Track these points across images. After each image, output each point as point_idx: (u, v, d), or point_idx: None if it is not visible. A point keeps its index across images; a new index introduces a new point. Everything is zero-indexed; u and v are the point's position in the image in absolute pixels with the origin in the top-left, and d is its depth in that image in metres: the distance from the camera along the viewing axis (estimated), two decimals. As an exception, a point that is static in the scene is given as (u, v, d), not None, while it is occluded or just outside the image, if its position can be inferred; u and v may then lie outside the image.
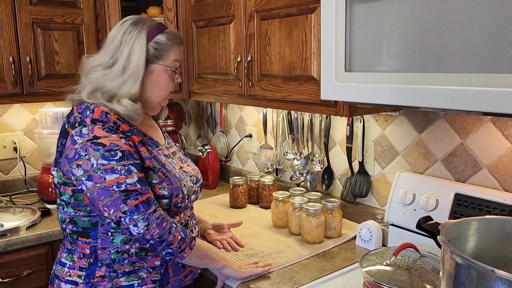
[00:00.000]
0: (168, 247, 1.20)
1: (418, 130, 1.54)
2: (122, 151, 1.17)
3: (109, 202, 1.14)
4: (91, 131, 1.16)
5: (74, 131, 1.18)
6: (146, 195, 1.17)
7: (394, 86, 1.06)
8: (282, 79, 1.54)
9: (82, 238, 1.24)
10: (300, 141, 1.93)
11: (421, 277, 1.19)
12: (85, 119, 1.19)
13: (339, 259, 1.50)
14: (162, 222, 1.18)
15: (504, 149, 1.32)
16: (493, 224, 1.00)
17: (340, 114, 1.37)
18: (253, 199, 2.08)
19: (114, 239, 1.23)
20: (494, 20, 0.86)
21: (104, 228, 1.22)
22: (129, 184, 1.15)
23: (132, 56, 1.24)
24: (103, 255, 1.23)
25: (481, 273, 0.78)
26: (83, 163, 1.15)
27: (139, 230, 1.15)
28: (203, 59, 1.96)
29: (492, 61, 0.88)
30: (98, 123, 1.18)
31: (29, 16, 1.91)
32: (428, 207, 1.40)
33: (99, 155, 1.14)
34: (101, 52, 1.30)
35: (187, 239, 1.24)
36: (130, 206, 1.14)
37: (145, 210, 1.16)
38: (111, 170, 1.14)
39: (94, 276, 1.23)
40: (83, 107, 1.22)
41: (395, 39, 1.05)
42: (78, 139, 1.16)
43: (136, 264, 1.26)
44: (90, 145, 1.15)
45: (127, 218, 1.14)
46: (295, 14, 1.45)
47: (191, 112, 2.77)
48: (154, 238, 1.17)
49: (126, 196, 1.14)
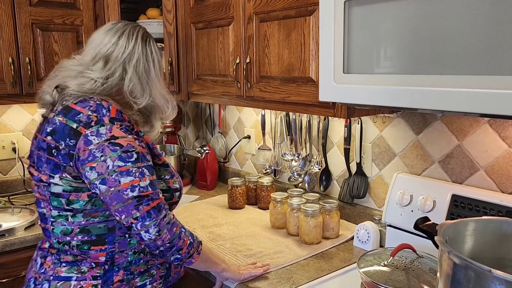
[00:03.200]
0: (177, 253, 1.19)
1: (415, 132, 1.55)
2: (137, 152, 1.15)
3: (121, 208, 1.11)
4: (109, 131, 1.13)
5: (89, 131, 1.12)
6: (157, 201, 1.15)
7: (392, 88, 1.07)
8: (281, 80, 1.55)
9: (96, 246, 1.19)
10: (298, 142, 1.93)
11: (419, 278, 1.20)
12: (103, 118, 1.14)
13: (337, 259, 1.51)
14: (173, 227, 1.17)
15: (501, 151, 1.33)
16: (490, 225, 1.01)
17: (338, 116, 1.38)
18: (251, 200, 2.08)
19: (131, 240, 1.22)
20: (490, 22, 0.87)
21: (121, 231, 1.20)
22: (142, 187, 1.13)
23: (141, 66, 1.30)
24: (120, 258, 1.21)
25: (479, 274, 0.79)
26: (98, 165, 1.10)
27: (150, 236, 1.13)
28: (202, 61, 1.97)
29: (489, 63, 0.88)
30: (116, 122, 1.15)
31: (28, 17, 1.91)
32: (425, 208, 1.41)
33: (116, 156, 1.11)
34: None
35: (195, 243, 1.24)
36: (142, 212, 1.12)
37: (156, 216, 1.14)
38: (127, 172, 1.11)
39: (113, 282, 1.20)
40: (93, 105, 1.17)
41: (393, 41, 1.05)
42: (95, 139, 1.11)
43: (149, 262, 1.27)
44: (107, 146, 1.11)
45: (139, 224, 1.12)
46: (294, 16, 1.46)
47: (190, 114, 2.77)
48: (165, 243, 1.15)
49: (138, 201, 1.12)
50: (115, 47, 1.25)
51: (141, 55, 1.27)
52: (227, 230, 1.77)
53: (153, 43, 1.32)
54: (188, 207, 2.07)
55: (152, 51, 1.30)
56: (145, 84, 1.27)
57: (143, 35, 1.30)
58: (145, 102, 1.27)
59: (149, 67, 1.28)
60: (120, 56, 1.24)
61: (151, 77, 1.29)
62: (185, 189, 2.41)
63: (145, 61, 1.28)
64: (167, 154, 2.55)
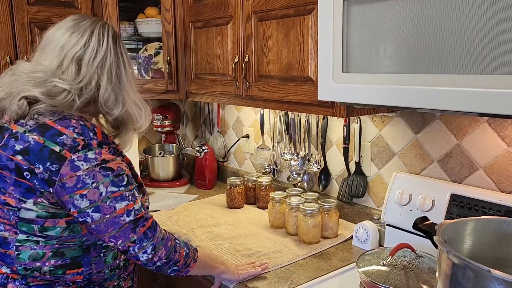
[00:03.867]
0: (174, 265, 1.17)
1: (414, 131, 1.55)
2: (127, 175, 1.10)
3: (118, 234, 1.06)
4: (99, 155, 1.05)
5: (75, 156, 1.02)
6: (150, 220, 1.13)
7: (391, 87, 1.06)
8: (280, 80, 1.55)
9: (71, 270, 1.10)
10: (297, 141, 1.93)
11: (417, 277, 1.20)
12: (91, 141, 1.05)
13: (336, 259, 1.51)
14: (167, 242, 1.15)
15: (500, 150, 1.33)
16: (489, 225, 1.01)
17: (337, 115, 1.38)
18: (250, 199, 2.08)
19: (107, 259, 1.17)
20: (490, 21, 0.87)
21: (96, 252, 1.14)
22: (136, 210, 1.09)
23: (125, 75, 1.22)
24: (97, 278, 1.17)
25: (478, 273, 0.78)
26: (89, 193, 1.03)
27: (148, 256, 1.10)
28: (200, 60, 1.97)
29: (488, 62, 0.88)
30: (104, 146, 1.08)
31: (26, 16, 1.91)
32: (424, 208, 1.41)
33: (109, 182, 1.04)
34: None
35: (191, 253, 1.22)
36: (139, 235, 1.09)
37: (153, 235, 1.11)
38: (121, 197, 1.06)
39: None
40: (77, 126, 1.06)
41: (392, 40, 1.05)
42: (83, 164, 1.02)
43: (121, 276, 1.24)
44: (98, 171, 1.03)
45: (136, 247, 1.09)
46: (293, 15, 1.46)
47: (189, 113, 2.77)
48: (162, 259, 1.13)
49: (135, 224, 1.08)
50: (86, 50, 1.11)
51: (114, 58, 1.15)
52: (226, 229, 1.77)
53: (123, 43, 1.21)
54: (186, 207, 2.07)
55: (122, 53, 1.18)
56: (118, 91, 1.16)
57: (113, 34, 1.17)
58: (119, 111, 1.16)
59: (121, 71, 1.17)
60: (92, 61, 1.11)
61: (123, 82, 1.17)
62: (184, 189, 2.41)
63: (117, 66, 1.16)
64: (165, 154, 2.55)
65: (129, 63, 1.21)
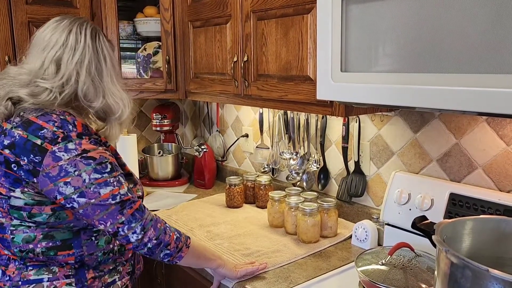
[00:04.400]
0: (166, 248, 1.19)
1: (413, 130, 1.55)
2: (110, 163, 1.14)
3: (105, 216, 1.11)
4: (79, 145, 1.10)
5: (56, 147, 1.09)
6: (137, 202, 1.17)
7: (390, 86, 1.06)
8: (278, 79, 1.55)
9: (62, 252, 1.16)
10: (296, 141, 1.93)
11: (416, 277, 1.20)
12: (70, 133, 1.11)
13: (335, 258, 1.51)
14: (157, 224, 1.19)
15: (499, 149, 1.33)
16: (488, 224, 1.01)
17: (336, 114, 1.38)
18: (249, 198, 2.08)
19: (99, 242, 1.21)
20: (489, 20, 0.86)
21: (87, 235, 1.19)
22: (122, 194, 1.13)
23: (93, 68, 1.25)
24: (90, 260, 1.21)
25: (476, 273, 0.79)
26: (72, 180, 1.08)
27: (137, 236, 1.14)
28: (199, 59, 1.96)
29: (488, 61, 0.88)
30: (84, 136, 1.13)
31: (25, 15, 1.90)
32: (423, 207, 1.41)
33: (91, 170, 1.10)
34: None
35: (182, 238, 1.25)
36: (127, 216, 1.13)
37: (141, 216, 1.15)
38: (105, 183, 1.11)
39: (87, 279, 1.20)
40: (57, 120, 1.13)
41: (391, 39, 1.05)
42: (64, 155, 1.08)
43: (117, 260, 1.28)
44: (80, 160, 1.09)
45: (125, 228, 1.13)
46: (291, 15, 1.45)
47: (188, 112, 2.77)
48: (152, 240, 1.16)
49: (121, 206, 1.12)
50: (64, 49, 1.17)
51: (93, 54, 1.20)
52: (225, 229, 1.77)
53: (103, 38, 1.25)
54: (185, 206, 2.07)
55: (103, 48, 1.23)
56: (98, 84, 1.21)
57: (92, 31, 1.22)
58: (99, 104, 1.22)
59: (101, 66, 1.22)
60: (70, 59, 1.17)
61: (103, 76, 1.22)
62: (183, 188, 2.41)
63: (97, 61, 1.21)
64: (164, 153, 2.55)
65: (110, 57, 1.26)
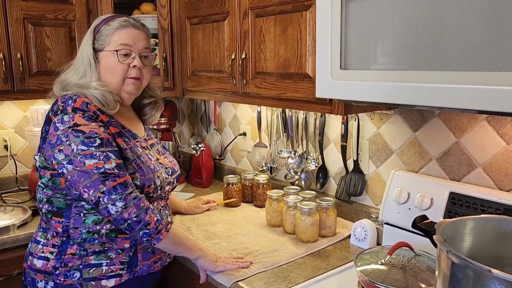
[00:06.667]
0: (145, 227, 1.26)
1: (413, 129, 1.54)
2: (101, 138, 1.26)
3: (89, 184, 1.22)
4: (72, 119, 1.25)
5: (56, 118, 1.27)
6: (123, 178, 1.25)
7: (389, 84, 1.05)
8: (277, 77, 1.53)
9: (56, 217, 1.33)
10: (295, 139, 1.92)
11: (416, 276, 1.19)
12: (67, 107, 1.27)
13: (334, 258, 1.50)
14: (139, 203, 1.26)
15: (499, 148, 1.32)
16: (489, 223, 1.00)
17: (335, 113, 1.36)
18: (247, 197, 2.07)
19: (86, 220, 1.31)
20: (489, 18, 0.86)
21: (77, 209, 1.31)
22: (107, 168, 1.23)
23: (82, 51, 1.39)
24: (75, 234, 1.32)
25: (478, 273, 0.78)
26: (64, 148, 1.24)
27: (117, 208, 1.22)
28: (197, 57, 1.95)
29: (487, 59, 0.87)
30: (79, 111, 1.27)
31: (20, 12, 1.88)
32: (423, 206, 1.40)
33: (79, 141, 1.23)
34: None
35: (163, 221, 1.31)
36: (108, 187, 1.22)
37: (122, 191, 1.24)
38: (90, 155, 1.23)
39: (65, 253, 1.31)
40: (66, 97, 1.30)
41: (390, 37, 1.04)
42: (60, 126, 1.25)
43: (106, 245, 1.33)
44: (70, 132, 1.24)
45: (105, 198, 1.22)
46: (290, 12, 1.44)
47: (185, 110, 2.75)
48: (131, 217, 1.23)
49: (104, 177, 1.23)
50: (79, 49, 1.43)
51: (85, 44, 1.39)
52: (223, 228, 1.75)
53: (97, 23, 1.40)
54: (183, 205, 2.05)
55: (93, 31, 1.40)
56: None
57: (92, 26, 1.41)
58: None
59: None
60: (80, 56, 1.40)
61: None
62: (180, 187, 2.39)
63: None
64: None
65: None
